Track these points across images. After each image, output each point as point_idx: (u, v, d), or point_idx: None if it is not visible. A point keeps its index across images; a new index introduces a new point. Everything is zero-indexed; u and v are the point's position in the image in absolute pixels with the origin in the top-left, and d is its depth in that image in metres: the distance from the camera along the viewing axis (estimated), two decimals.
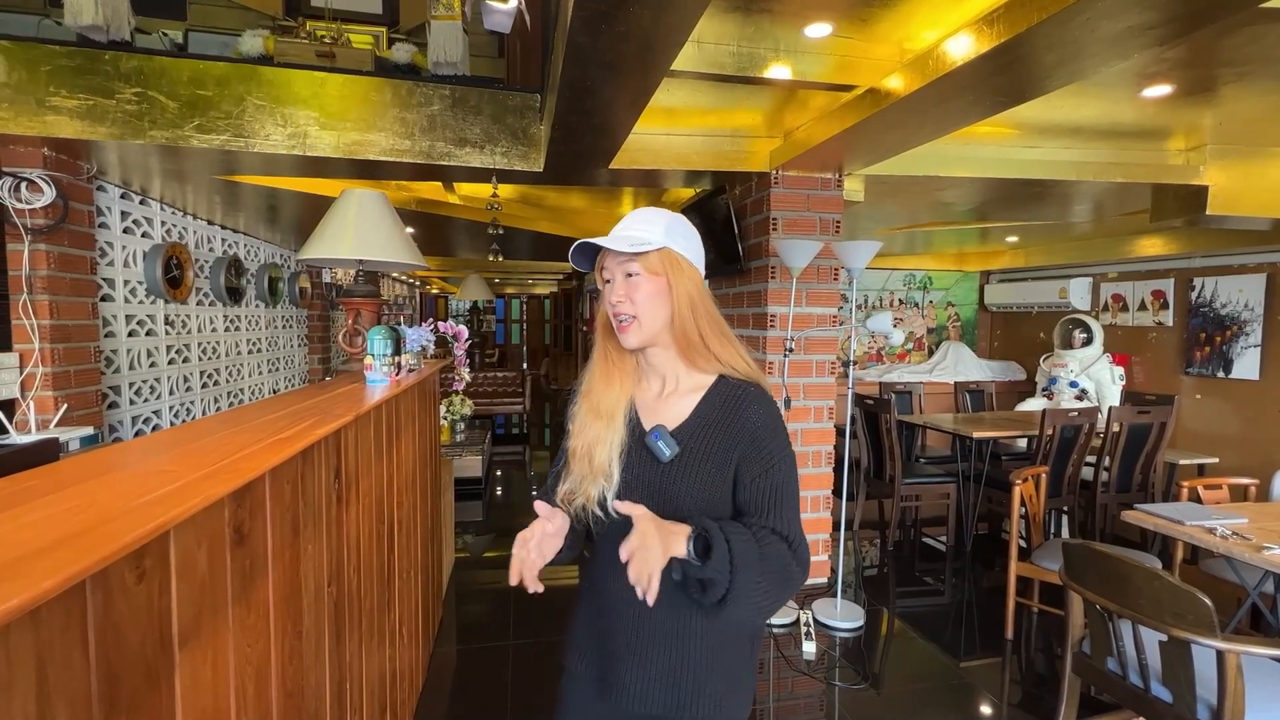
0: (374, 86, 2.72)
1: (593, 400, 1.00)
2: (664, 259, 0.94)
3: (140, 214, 3.53)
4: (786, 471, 0.94)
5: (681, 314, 0.94)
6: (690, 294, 0.94)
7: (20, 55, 2.43)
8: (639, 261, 0.93)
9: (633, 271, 0.94)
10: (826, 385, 3.11)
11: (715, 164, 2.98)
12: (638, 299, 0.94)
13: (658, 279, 0.94)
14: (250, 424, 1.09)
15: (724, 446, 0.93)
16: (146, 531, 0.58)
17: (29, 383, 2.69)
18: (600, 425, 0.97)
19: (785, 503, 0.92)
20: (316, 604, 1.12)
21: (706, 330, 0.95)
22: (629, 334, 0.95)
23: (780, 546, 0.88)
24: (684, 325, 0.95)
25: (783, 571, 0.87)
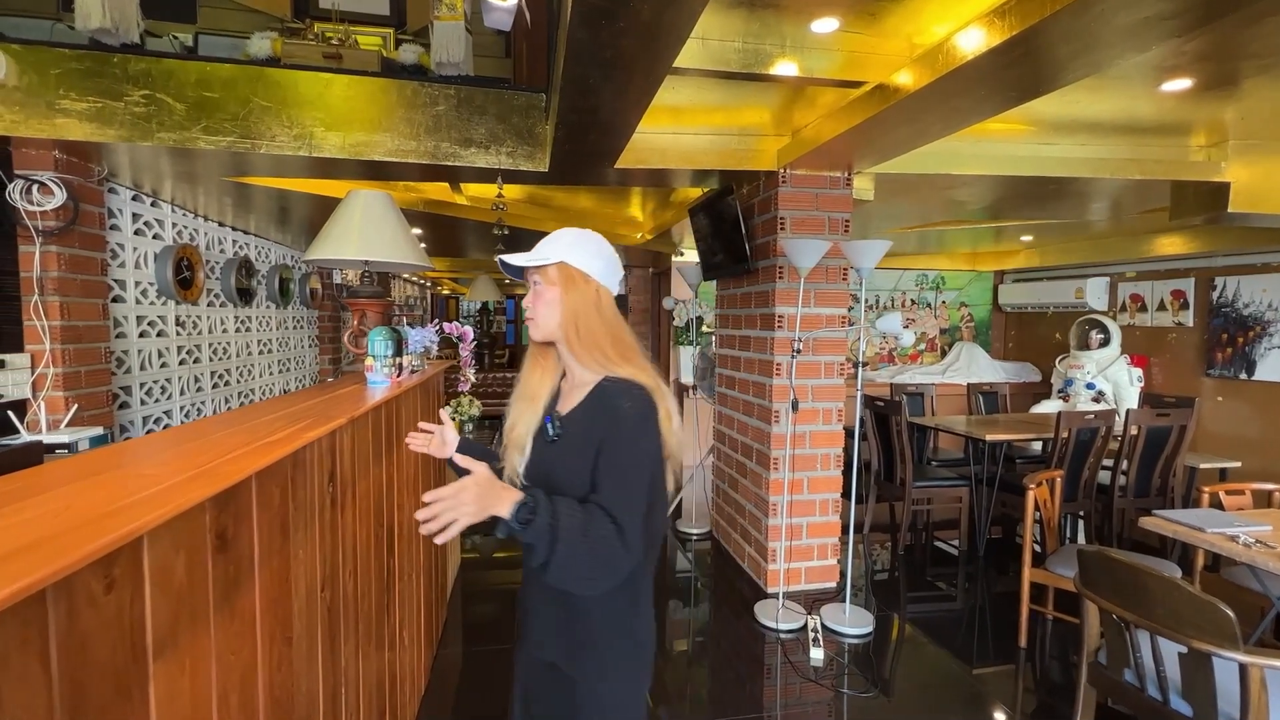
0: (379, 87, 2.72)
1: (520, 385, 1.19)
2: (560, 272, 1.09)
3: (151, 216, 3.56)
4: (632, 458, 1.01)
5: (565, 322, 1.09)
6: (576, 306, 1.08)
7: (30, 59, 2.45)
8: (539, 273, 1.11)
9: (536, 280, 1.11)
10: (835, 387, 3.06)
11: (722, 163, 2.94)
12: (537, 304, 1.11)
13: (553, 289, 1.10)
14: (243, 426, 1.07)
15: (592, 432, 1.04)
16: (115, 539, 0.57)
17: (40, 383, 2.72)
18: (523, 406, 1.16)
19: (621, 484, 1.00)
20: (308, 609, 1.10)
21: (589, 337, 1.08)
22: (529, 330, 1.14)
23: (608, 528, 0.95)
24: (567, 331, 1.10)
25: (605, 552, 0.94)
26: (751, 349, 3.25)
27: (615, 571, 0.96)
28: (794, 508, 3.05)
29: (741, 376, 3.39)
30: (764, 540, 3.09)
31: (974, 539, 3.86)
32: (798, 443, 3.02)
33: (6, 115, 2.45)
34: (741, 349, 3.39)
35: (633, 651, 1.12)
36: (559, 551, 0.92)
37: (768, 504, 3.04)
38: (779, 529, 2.93)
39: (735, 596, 3.14)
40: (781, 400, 2.96)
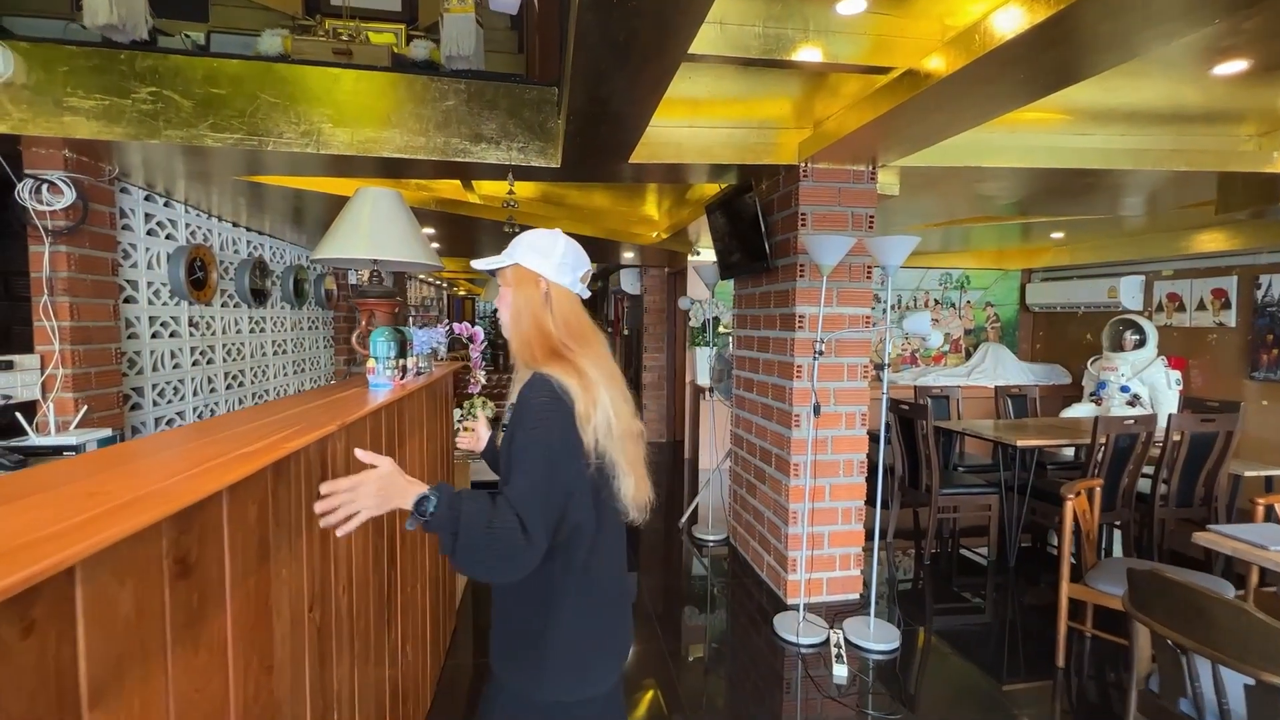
0: (388, 82, 2.66)
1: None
2: (514, 274, 1.14)
3: (164, 216, 3.54)
4: (528, 450, 1.01)
5: (505, 320, 1.15)
6: (519, 306, 1.13)
7: (39, 56, 2.42)
8: (499, 275, 1.16)
9: (500, 282, 1.17)
10: (859, 390, 2.94)
11: (741, 157, 2.84)
12: (501, 305, 1.17)
13: (508, 289, 1.15)
14: (221, 435, 1.00)
15: (511, 425, 1.09)
16: (30, 574, 0.48)
17: (49, 384, 2.69)
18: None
19: (520, 474, 1.00)
20: (294, 632, 1.02)
21: (519, 337, 1.13)
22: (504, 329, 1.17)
23: (511, 520, 0.95)
24: (509, 331, 1.15)
25: (505, 545, 0.94)
26: (771, 350, 3.13)
27: (515, 562, 0.96)
28: (815, 516, 2.93)
29: (760, 379, 3.27)
30: (784, 549, 2.98)
31: (1003, 548, 3.70)
32: (819, 448, 2.90)
33: (15, 113, 2.42)
34: (760, 350, 3.27)
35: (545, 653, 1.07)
36: (460, 542, 0.93)
37: (787, 511, 2.92)
38: (799, 538, 2.82)
39: (753, 606, 3.02)
40: (802, 404, 2.84)
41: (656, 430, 6.80)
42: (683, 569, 3.58)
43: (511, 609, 1.10)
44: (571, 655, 1.08)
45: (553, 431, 1.02)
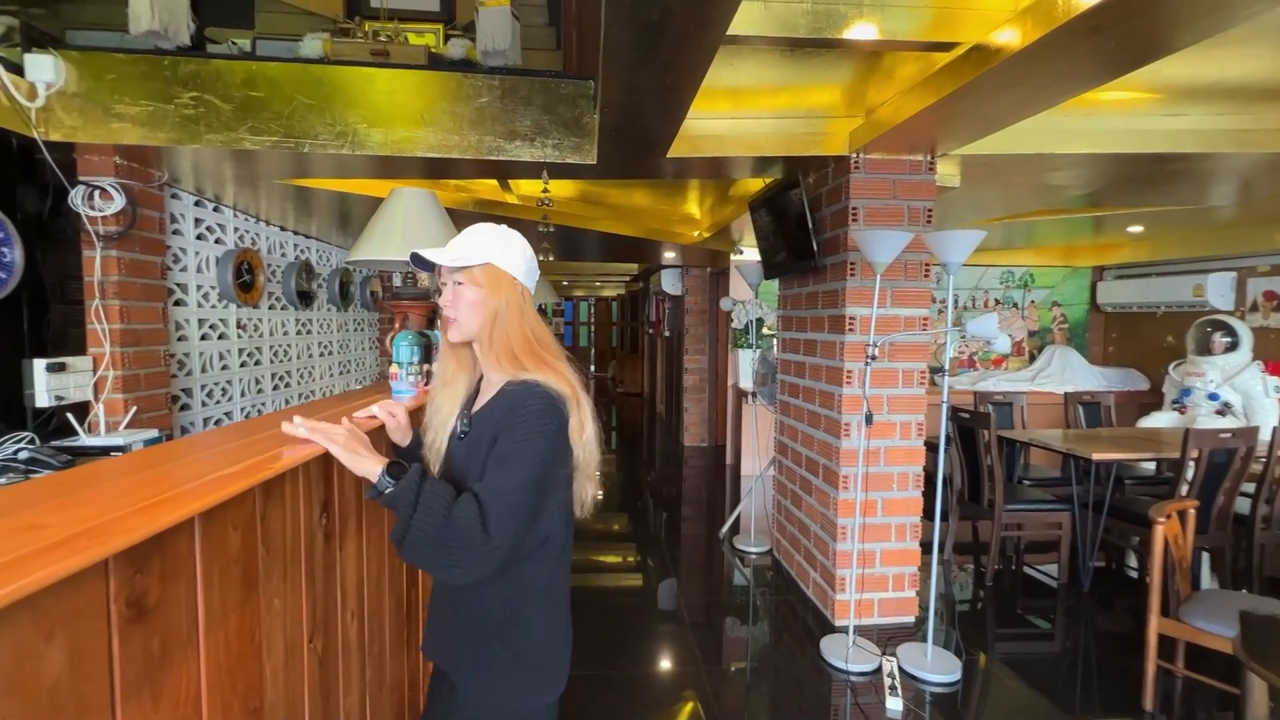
0: (422, 81, 2.61)
1: (437, 384, 1.18)
2: (486, 273, 1.07)
3: (213, 220, 3.61)
4: (518, 453, 0.99)
5: (483, 325, 1.08)
6: (499, 308, 1.07)
7: (88, 64, 2.47)
8: (462, 273, 1.08)
9: (459, 280, 1.08)
10: (915, 397, 2.73)
11: (786, 148, 2.67)
12: (459, 305, 1.09)
13: (477, 290, 1.08)
14: (209, 452, 0.91)
15: (493, 428, 1.03)
16: None
17: (101, 385, 2.76)
18: (444, 405, 1.14)
19: (500, 474, 0.98)
20: (289, 666, 0.93)
21: (502, 341, 1.07)
22: (449, 331, 1.12)
23: (472, 513, 0.93)
24: (483, 334, 1.08)
25: (462, 537, 0.92)
26: (818, 354, 2.95)
27: (468, 560, 0.93)
28: (866, 532, 2.73)
29: (807, 384, 3.09)
30: (831, 567, 2.79)
31: (1075, 569, 3.40)
32: (871, 459, 2.70)
33: (67, 121, 2.48)
34: (807, 354, 3.09)
35: (513, 662, 1.06)
36: (415, 525, 0.91)
37: (836, 527, 2.74)
38: (849, 555, 2.63)
39: (798, 626, 2.85)
40: (852, 412, 2.65)
41: (697, 434, 6.64)
42: (722, 582, 3.42)
43: (482, 614, 1.06)
44: (543, 659, 1.10)
45: (546, 441, 1.01)
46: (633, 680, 2.43)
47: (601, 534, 4.22)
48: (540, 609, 1.08)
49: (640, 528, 4.35)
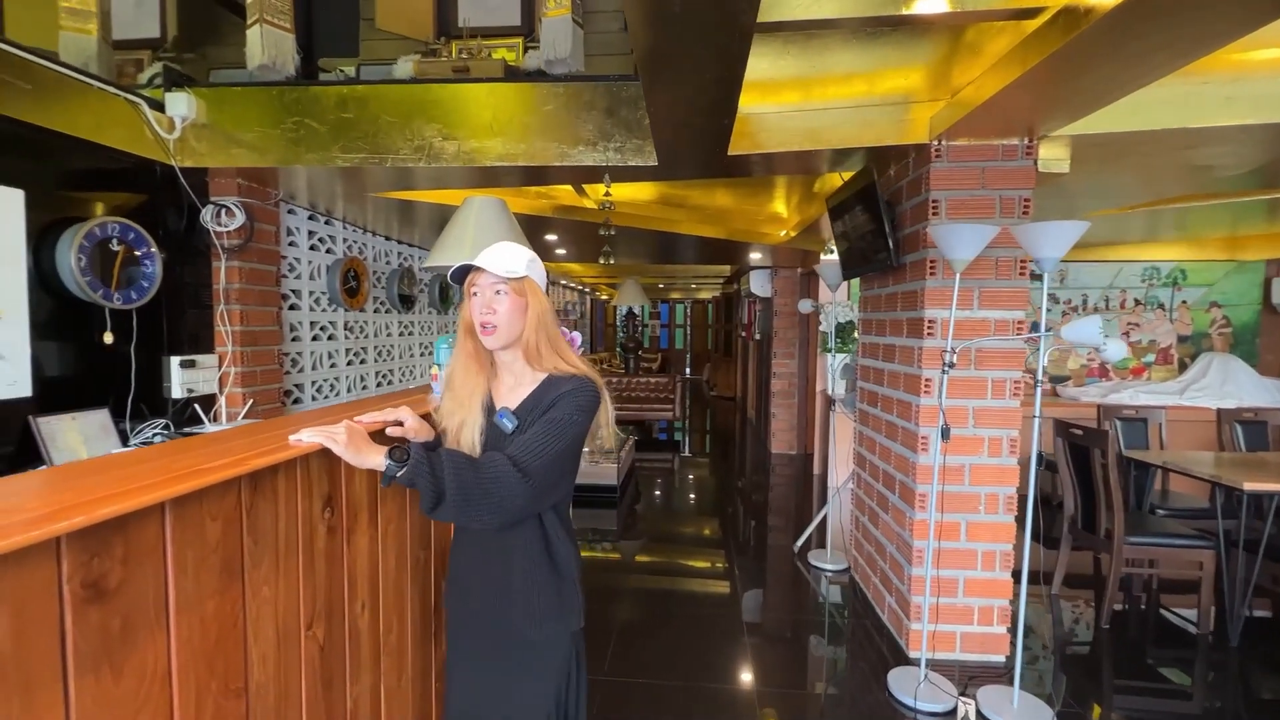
0: (490, 93, 2.72)
1: (455, 390, 1.25)
2: (526, 285, 1.23)
3: (325, 232, 3.99)
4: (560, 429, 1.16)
5: (530, 329, 1.21)
6: (539, 314, 1.22)
7: (214, 99, 2.81)
8: (507, 284, 1.20)
9: (500, 290, 1.20)
10: (1006, 410, 2.43)
11: (858, 139, 2.49)
12: (500, 312, 1.19)
13: (521, 298, 1.21)
14: (209, 449, 0.98)
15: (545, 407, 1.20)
16: None
17: (224, 380, 3.13)
18: (464, 411, 1.22)
19: (539, 440, 1.14)
20: (283, 651, 0.99)
21: (545, 342, 1.23)
22: (492, 338, 1.21)
23: (501, 461, 1.09)
24: (530, 337, 1.21)
25: (497, 476, 1.07)
26: (897, 360, 2.72)
27: (513, 499, 1.08)
28: (944, 557, 2.48)
29: (885, 392, 2.86)
30: (906, 592, 2.56)
31: (1223, 617, 2.88)
32: (951, 477, 2.45)
33: (198, 149, 2.84)
34: (885, 360, 2.86)
35: (557, 589, 1.24)
36: (448, 483, 1.03)
37: (911, 549, 2.51)
38: (923, 581, 2.39)
39: (872, 653, 2.64)
40: (930, 424, 2.41)
41: (785, 441, 6.40)
42: (793, 599, 3.25)
43: (528, 570, 1.22)
44: (573, 587, 1.28)
45: (583, 427, 1.21)
46: (684, 693, 2.37)
47: (678, 537, 4.17)
48: (566, 544, 1.27)
49: (719, 535, 4.25)
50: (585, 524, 4.37)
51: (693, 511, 4.88)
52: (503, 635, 1.23)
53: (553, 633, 1.23)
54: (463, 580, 1.28)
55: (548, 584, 1.23)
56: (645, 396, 7.31)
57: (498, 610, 1.23)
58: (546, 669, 1.23)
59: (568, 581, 1.27)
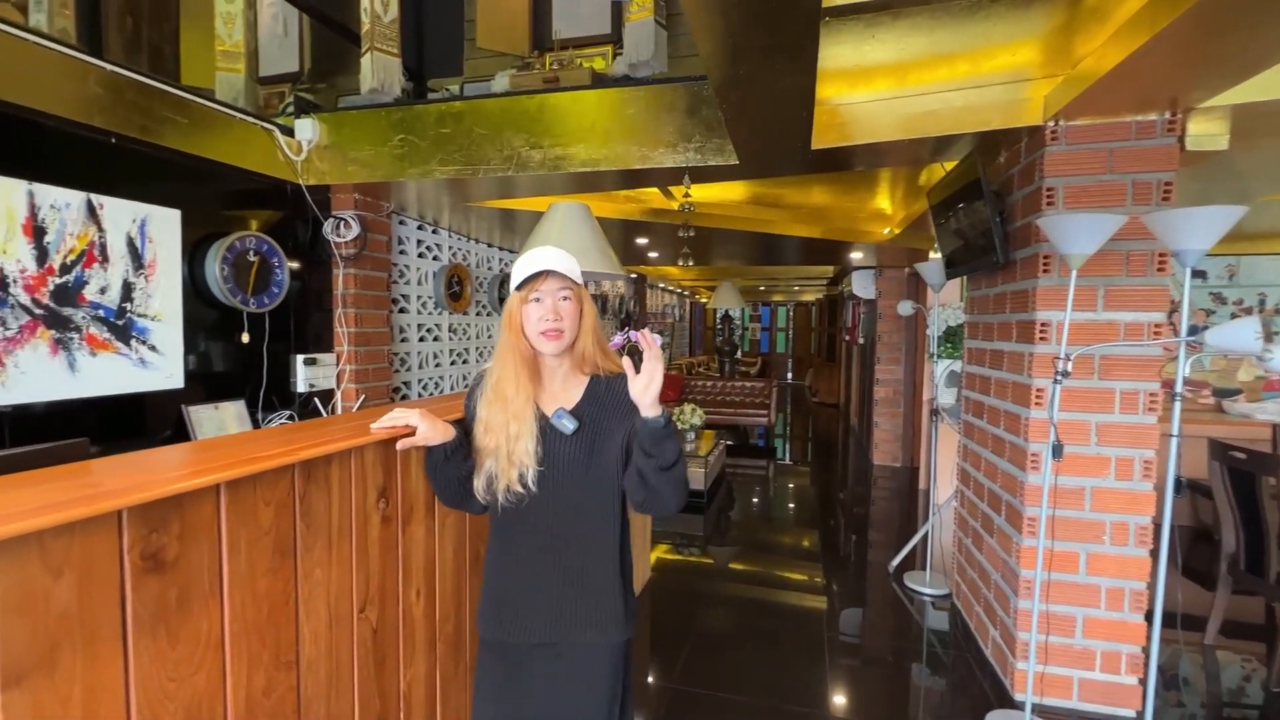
0: (574, 101, 2.78)
1: (507, 401, 1.21)
2: (584, 291, 1.27)
3: (432, 241, 4.28)
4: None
5: (585, 331, 1.25)
6: (592, 318, 1.26)
7: (333, 122, 3.11)
8: (574, 290, 1.23)
9: (567, 296, 1.22)
10: (1141, 427, 2.11)
11: (958, 125, 2.27)
12: (566, 317, 1.21)
13: (579, 305, 1.24)
14: (276, 438, 1.07)
15: (605, 416, 1.24)
16: None
17: (341, 377, 3.45)
18: (519, 423, 1.20)
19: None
20: (335, 630, 1.06)
21: (595, 345, 1.26)
22: (556, 342, 1.20)
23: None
24: (586, 341, 1.25)
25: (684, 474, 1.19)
26: (1005, 367, 2.45)
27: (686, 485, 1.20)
28: (1058, 590, 2.19)
29: (992, 403, 2.59)
30: (1011, 626, 2.29)
31: None
32: (1067, 500, 2.16)
33: (321, 167, 3.15)
34: (993, 367, 2.59)
35: (625, 595, 1.26)
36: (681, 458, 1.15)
37: (1018, 579, 2.24)
38: (1030, 615, 2.13)
39: (972, 689, 2.39)
40: (1040, 439, 2.14)
41: (889, 453, 6.00)
42: (885, 622, 3.03)
43: (606, 573, 1.23)
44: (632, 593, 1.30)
45: None
46: (755, 713, 2.27)
47: (765, 546, 4.04)
48: (629, 549, 1.30)
49: (807, 547, 4.06)
50: (670, 527, 4.35)
51: (783, 521, 4.70)
52: (562, 648, 1.21)
53: (616, 639, 1.23)
54: (515, 596, 1.22)
55: (620, 588, 1.24)
56: (739, 401, 7.16)
57: (560, 620, 1.21)
58: (602, 678, 1.21)
59: (630, 586, 1.28)
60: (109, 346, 2.35)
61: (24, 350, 2.09)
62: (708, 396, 7.38)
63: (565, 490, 1.21)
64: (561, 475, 1.20)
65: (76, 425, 2.32)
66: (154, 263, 2.49)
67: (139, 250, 2.44)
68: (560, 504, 1.21)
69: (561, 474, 1.20)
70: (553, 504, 1.21)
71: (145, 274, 2.46)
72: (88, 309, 2.27)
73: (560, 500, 1.21)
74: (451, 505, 1.23)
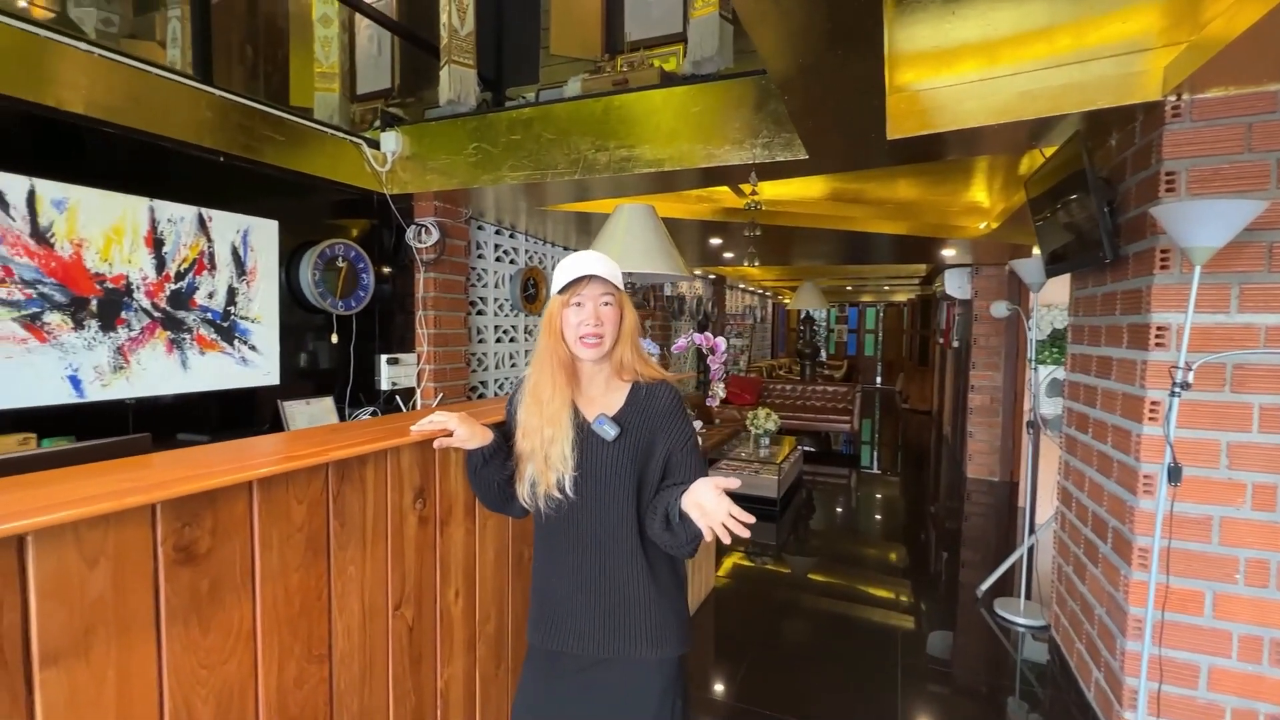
0: (639, 101, 2.77)
1: (544, 405, 1.20)
2: (625, 298, 1.25)
3: (509, 245, 4.42)
4: (692, 439, 1.25)
5: (625, 339, 1.24)
6: (633, 326, 1.25)
7: (415, 134, 3.27)
8: (615, 295, 1.22)
9: (609, 302, 1.20)
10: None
11: (1056, 106, 2.04)
12: (606, 322, 1.20)
13: (618, 311, 1.22)
14: (303, 442, 1.11)
15: (649, 425, 1.22)
16: None
17: (420, 376, 3.63)
18: (554, 426, 1.18)
19: (698, 463, 1.23)
20: (367, 627, 1.08)
21: (633, 352, 1.25)
22: (595, 348, 1.19)
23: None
24: (625, 348, 1.24)
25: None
26: (1114, 376, 2.17)
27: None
28: (1177, 634, 1.90)
29: (1098, 416, 2.30)
30: (1118, 670, 2.02)
31: None
32: (1189, 531, 1.87)
33: (404, 177, 3.32)
34: (1100, 375, 2.30)
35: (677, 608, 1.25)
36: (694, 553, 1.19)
37: (1126, 616, 1.97)
38: (1139, 659, 1.86)
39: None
40: (1154, 459, 1.87)
41: (985, 466, 5.54)
42: (970, 652, 2.78)
43: (642, 590, 1.21)
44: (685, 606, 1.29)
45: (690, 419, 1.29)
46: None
47: (841, 559, 3.84)
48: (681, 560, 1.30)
49: (884, 564, 3.82)
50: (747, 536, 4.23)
51: (861, 533, 4.45)
52: (609, 660, 1.19)
53: (667, 655, 1.20)
54: (559, 604, 1.21)
55: (669, 601, 1.22)
56: (819, 406, 6.87)
57: (606, 632, 1.19)
58: (649, 694, 1.18)
59: (683, 598, 1.27)
60: (215, 346, 2.58)
61: (145, 349, 2.35)
62: (786, 401, 7.15)
63: (607, 497, 1.18)
64: (603, 482, 1.18)
65: (186, 417, 2.58)
66: (254, 269, 2.72)
67: (242, 258, 2.67)
68: (602, 511, 1.18)
69: (603, 481, 1.18)
70: (594, 511, 1.19)
71: (247, 280, 2.69)
72: (198, 312, 2.51)
73: (602, 507, 1.18)
74: (493, 509, 1.24)
